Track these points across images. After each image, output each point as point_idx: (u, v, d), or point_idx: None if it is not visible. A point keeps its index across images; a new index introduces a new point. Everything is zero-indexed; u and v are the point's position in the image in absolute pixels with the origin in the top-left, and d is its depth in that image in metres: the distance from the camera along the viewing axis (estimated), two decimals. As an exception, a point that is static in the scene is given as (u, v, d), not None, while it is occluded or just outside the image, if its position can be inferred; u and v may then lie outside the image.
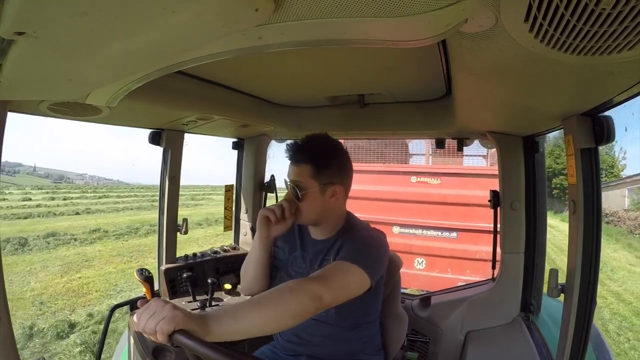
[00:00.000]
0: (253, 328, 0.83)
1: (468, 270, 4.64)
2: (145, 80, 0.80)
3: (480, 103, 1.19)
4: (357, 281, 1.02)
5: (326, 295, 0.90)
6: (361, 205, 4.96)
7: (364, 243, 1.13)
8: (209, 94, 1.41)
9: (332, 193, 1.18)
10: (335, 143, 1.23)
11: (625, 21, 0.50)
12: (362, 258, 1.05)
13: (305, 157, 1.16)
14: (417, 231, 4.91)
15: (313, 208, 1.17)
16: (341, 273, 1.01)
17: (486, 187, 4.40)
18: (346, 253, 1.09)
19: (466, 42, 0.66)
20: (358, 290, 1.02)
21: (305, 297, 0.88)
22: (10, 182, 29.69)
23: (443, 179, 4.78)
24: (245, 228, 2.11)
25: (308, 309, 0.88)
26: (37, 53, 0.57)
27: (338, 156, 1.21)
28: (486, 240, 4.39)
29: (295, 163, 1.17)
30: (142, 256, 8.83)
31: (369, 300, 1.20)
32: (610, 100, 0.88)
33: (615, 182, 18.19)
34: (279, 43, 0.64)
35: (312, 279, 0.98)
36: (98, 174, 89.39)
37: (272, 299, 0.88)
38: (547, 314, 1.67)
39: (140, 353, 1.34)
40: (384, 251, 1.16)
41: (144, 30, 0.53)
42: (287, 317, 0.87)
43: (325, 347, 1.24)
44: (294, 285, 0.91)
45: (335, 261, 1.09)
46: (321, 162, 1.16)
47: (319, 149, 1.18)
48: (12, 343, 0.86)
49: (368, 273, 1.02)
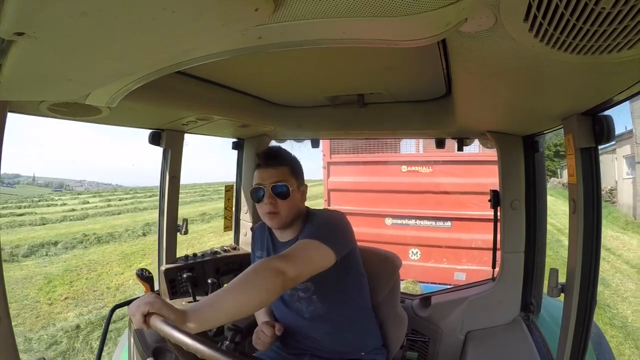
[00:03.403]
0: (230, 311, 0.89)
1: (464, 260, 4.59)
2: (145, 80, 0.80)
3: (480, 102, 1.19)
4: (319, 254, 1.06)
5: (288, 270, 0.95)
6: (350, 197, 4.91)
7: (321, 222, 1.19)
8: (209, 94, 1.41)
9: (302, 192, 1.27)
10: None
11: (625, 20, 0.50)
12: (321, 233, 1.10)
13: (283, 159, 1.24)
14: (411, 222, 4.83)
15: (292, 207, 1.22)
16: (301, 248, 1.06)
17: (479, 174, 4.33)
18: (305, 234, 1.14)
19: (466, 42, 0.66)
20: (322, 263, 1.06)
21: (268, 273, 0.93)
22: (11, 194, 29.54)
23: (435, 167, 4.69)
24: (245, 228, 2.11)
25: (274, 284, 0.93)
26: (37, 53, 0.57)
27: (298, 160, 1.31)
28: (481, 228, 4.35)
29: (274, 166, 1.23)
30: (198, 242, 10.19)
31: (346, 281, 1.25)
32: (610, 100, 0.88)
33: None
34: (279, 43, 0.64)
35: (274, 257, 1.05)
36: (96, 179, 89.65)
37: (239, 281, 0.93)
38: (547, 313, 1.67)
39: (141, 353, 1.34)
40: (344, 226, 1.21)
41: (144, 30, 0.53)
42: (255, 295, 0.91)
43: (326, 343, 1.27)
44: (257, 265, 0.97)
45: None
46: (295, 164, 1.27)
47: (288, 153, 1.28)
48: (12, 343, 0.86)
49: (330, 246, 1.07)
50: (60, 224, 13.46)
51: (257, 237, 1.41)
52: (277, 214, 1.20)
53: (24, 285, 6.90)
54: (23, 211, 16.11)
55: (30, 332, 4.75)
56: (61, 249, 9.67)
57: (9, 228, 12.36)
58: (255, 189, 1.23)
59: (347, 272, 1.24)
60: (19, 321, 5.30)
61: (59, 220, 14.18)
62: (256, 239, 1.42)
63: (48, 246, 9.68)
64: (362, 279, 1.32)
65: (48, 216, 14.69)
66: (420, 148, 5.09)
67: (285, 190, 1.20)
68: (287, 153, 1.28)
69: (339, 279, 1.22)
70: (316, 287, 1.22)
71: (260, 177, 1.23)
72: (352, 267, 1.26)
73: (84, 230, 11.70)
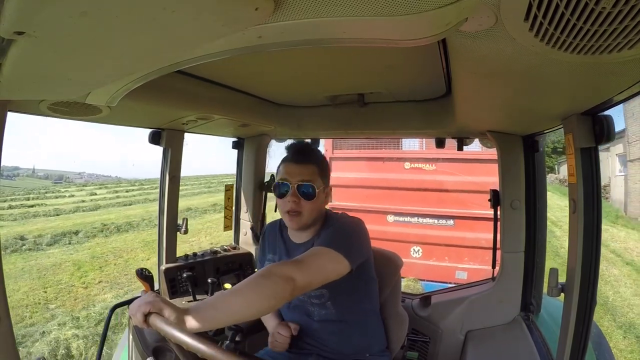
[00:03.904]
0: (233, 314, 0.87)
1: (466, 258, 4.57)
2: (145, 80, 0.80)
3: (480, 102, 1.19)
4: (333, 263, 1.02)
5: (299, 277, 0.92)
6: (352, 193, 4.87)
7: (338, 229, 1.15)
8: (209, 94, 1.41)
9: (326, 194, 1.23)
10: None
11: (625, 20, 0.49)
12: (337, 241, 1.06)
13: (312, 157, 1.20)
14: (413, 219, 4.81)
15: (315, 209, 1.18)
16: (315, 256, 1.03)
17: (483, 172, 4.30)
18: (322, 240, 1.11)
19: (466, 41, 0.66)
20: (335, 272, 1.03)
21: (278, 279, 0.90)
22: (11, 186, 29.62)
23: (438, 165, 4.65)
24: (245, 228, 2.11)
25: (283, 291, 0.90)
26: (37, 53, 0.57)
27: (326, 160, 1.27)
28: (484, 227, 4.31)
29: (302, 163, 1.18)
30: (215, 230, 11.10)
31: (359, 288, 1.23)
32: (610, 100, 0.88)
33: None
34: (279, 43, 0.64)
35: (285, 262, 1.03)
36: (95, 171, 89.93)
37: (247, 284, 0.91)
38: (547, 313, 1.67)
39: (141, 353, 1.34)
40: (361, 234, 1.18)
41: (143, 30, 0.53)
42: (262, 300, 0.89)
43: (333, 344, 1.25)
44: (267, 270, 0.94)
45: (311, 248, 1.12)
46: (324, 163, 1.22)
47: (318, 152, 1.24)
48: (12, 343, 0.86)
49: (344, 255, 1.03)
50: (74, 215, 14.02)
51: (268, 239, 1.37)
52: (298, 214, 1.16)
53: (54, 271, 7.29)
54: (33, 202, 16.61)
55: (72, 312, 5.19)
56: (83, 238, 10.15)
57: (24, 219, 12.87)
58: (281, 183, 1.18)
59: (362, 279, 1.21)
60: (59, 303, 5.71)
61: (72, 211, 14.73)
62: (267, 241, 1.38)
63: (70, 235, 10.14)
64: (373, 283, 1.30)
65: (61, 207, 15.25)
66: (424, 145, 5.06)
67: (311, 191, 1.16)
68: (318, 151, 1.24)
69: (353, 286, 1.18)
70: (331, 295, 1.19)
71: (286, 172, 1.18)
72: (366, 274, 1.24)
73: (99, 220, 12.18)
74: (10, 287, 6.37)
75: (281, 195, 1.18)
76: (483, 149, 4.57)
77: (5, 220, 12.73)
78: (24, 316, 5.26)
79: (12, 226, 11.68)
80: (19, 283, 6.56)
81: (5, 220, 12.64)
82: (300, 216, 1.17)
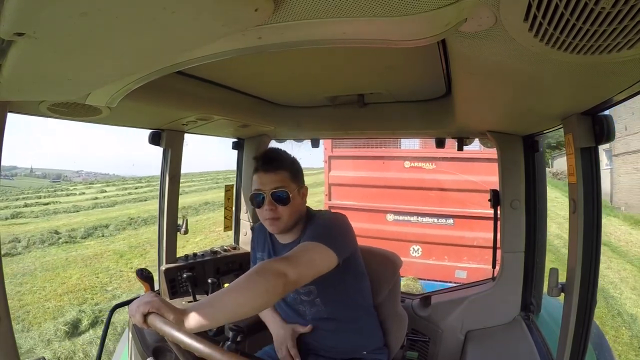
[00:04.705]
0: (230, 312, 0.89)
1: (465, 258, 4.55)
2: (145, 80, 0.80)
3: (480, 102, 1.19)
4: (321, 257, 1.05)
5: (290, 272, 0.94)
6: (352, 192, 4.86)
7: (323, 224, 1.17)
8: (209, 94, 1.41)
9: (302, 195, 1.25)
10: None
11: (624, 20, 0.49)
12: (323, 236, 1.09)
13: (281, 163, 1.22)
14: (412, 218, 4.79)
15: (293, 212, 1.21)
16: (303, 251, 1.05)
17: (483, 171, 4.29)
18: (308, 236, 1.13)
19: (466, 42, 0.66)
20: (324, 265, 1.05)
21: (270, 275, 0.92)
22: (11, 186, 29.72)
23: (438, 164, 4.63)
24: (245, 228, 2.11)
25: (275, 286, 0.92)
26: (37, 53, 0.57)
27: (297, 161, 1.29)
28: (484, 226, 4.31)
29: (272, 171, 1.20)
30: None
31: (348, 282, 1.24)
32: (610, 100, 0.88)
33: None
34: (279, 43, 0.64)
35: (276, 259, 1.04)
36: (93, 170, 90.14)
37: (241, 282, 0.92)
38: (547, 313, 1.67)
39: (141, 353, 1.34)
40: (346, 227, 1.21)
41: (143, 30, 0.53)
42: (256, 296, 0.91)
43: (329, 343, 1.27)
44: (259, 266, 0.97)
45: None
46: (294, 165, 1.25)
47: (287, 156, 1.25)
48: (12, 343, 0.86)
49: (332, 248, 1.06)
50: (93, 210, 14.58)
51: (257, 238, 1.41)
52: (277, 219, 1.19)
53: (98, 260, 7.77)
54: (48, 200, 17.26)
55: (130, 291, 5.60)
56: (114, 231, 10.66)
57: (46, 215, 13.46)
58: (255, 194, 1.21)
59: (349, 273, 1.23)
60: (115, 286, 6.12)
61: (91, 207, 15.34)
62: (256, 239, 1.41)
63: (101, 228, 10.68)
64: (364, 279, 1.31)
65: (78, 204, 15.84)
66: (416, 144, 5.00)
67: (285, 196, 1.18)
68: (286, 155, 1.26)
69: (341, 280, 1.21)
70: (319, 290, 1.22)
71: (259, 182, 1.21)
72: (354, 269, 1.26)
73: (120, 215, 12.64)
74: (61, 275, 6.77)
75: (258, 205, 1.21)
76: (483, 148, 4.60)
77: (27, 217, 13.23)
78: (85, 298, 5.56)
79: (37, 222, 12.19)
80: (69, 271, 7.02)
81: (27, 217, 13.14)
82: (280, 221, 1.20)
